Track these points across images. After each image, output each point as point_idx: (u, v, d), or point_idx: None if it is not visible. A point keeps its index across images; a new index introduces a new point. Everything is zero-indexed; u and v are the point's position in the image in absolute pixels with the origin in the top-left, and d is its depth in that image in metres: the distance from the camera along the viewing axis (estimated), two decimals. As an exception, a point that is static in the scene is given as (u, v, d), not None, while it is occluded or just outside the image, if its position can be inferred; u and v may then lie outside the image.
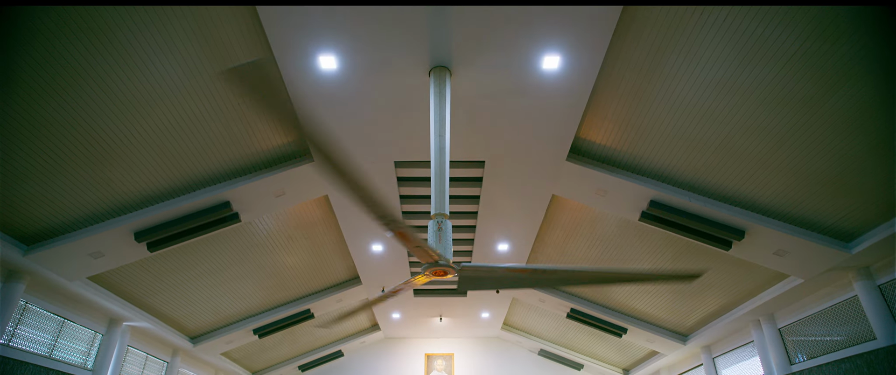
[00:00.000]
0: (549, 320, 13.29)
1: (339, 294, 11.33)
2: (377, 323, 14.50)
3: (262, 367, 14.35)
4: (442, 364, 15.30)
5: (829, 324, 7.96)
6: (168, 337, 10.33)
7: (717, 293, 9.25)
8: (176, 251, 8.26)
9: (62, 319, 8.27)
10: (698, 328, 10.57)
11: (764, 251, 7.18)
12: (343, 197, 8.13)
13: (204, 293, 9.69)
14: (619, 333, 11.37)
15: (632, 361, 13.91)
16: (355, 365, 15.31)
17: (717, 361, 11.09)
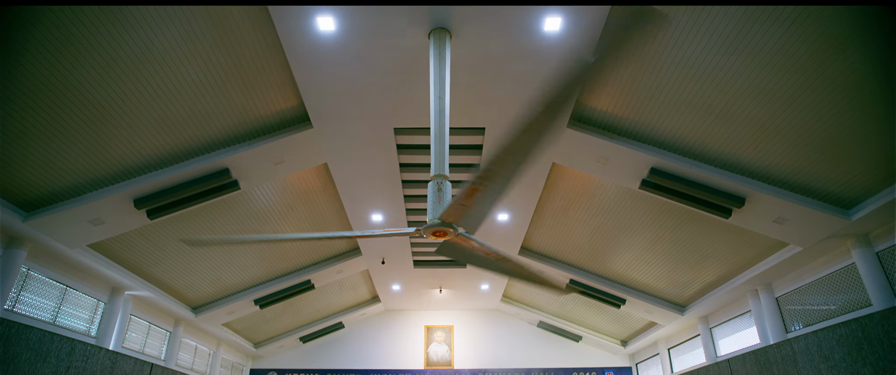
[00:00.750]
0: (547, 291, 13.38)
1: (340, 264, 11.39)
2: (377, 296, 14.62)
3: (263, 338, 14.53)
4: (442, 335, 15.48)
5: (826, 293, 8.02)
6: (170, 307, 10.42)
7: (715, 263, 9.29)
8: (176, 220, 8.27)
9: (65, 287, 8.32)
10: (696, 299, 10.66)
11: (764, 218, 7.18)
12: (344, 166, 8.12)
13: (205, 263, 9.74)
14: (618, 304, 11.47)
15: (630, 332, 14.07)
16: (356, 337, 15.50)
17: (714, 331, 11.21)
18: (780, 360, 7.69)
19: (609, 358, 15.28)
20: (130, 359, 8.64)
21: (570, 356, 15.23)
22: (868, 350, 6.13)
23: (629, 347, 14.47)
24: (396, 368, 15.10)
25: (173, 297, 10.34)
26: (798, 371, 7.30)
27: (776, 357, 7.81)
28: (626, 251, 10.02)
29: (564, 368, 15.10)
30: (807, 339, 7.14)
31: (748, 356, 8.58)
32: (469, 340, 15.43)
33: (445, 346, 15.35)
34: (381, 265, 11.70)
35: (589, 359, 15.24)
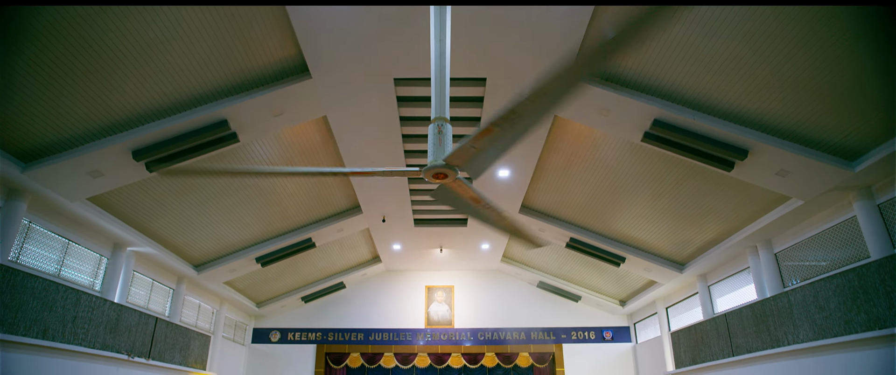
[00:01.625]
0: (549, 251, 13.48)
1: (340, 223, 11.43)
2: (378, 256, 14.73)
3: (265, 298, 14.72)
4: (442, 295, 15.67)
5: (825, 248, 8.05)
6: (172, 264, 10.51)
7: (715, 220, 9.30)
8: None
9: (67, 241, 8.37)
10: (695, 256, 10.72)
11: (766, 171, 7.14)
12: (343, 119, 8.03)
13: (205, 219, 9.76)
14: (618, 262, 11.55)
15: (628, 292, 14.23)
16: (357, 297, 15.69)
17: (712, 289, 11.32)
18: (776, 312, 7.78)
19: (608, 318, 15.50)
20: (135, 312, 8.76)
21: (569, 316, 15.45)
22: (863, 298, 6.19)
23: (628, 307, 14.66)
24: (397, 327, 15.34)
25: (175, 254, 10.41)
26: (793, 322, 7.40)
27: (772, 309, 7.90)
28: (627, 208, 10.03)
29: (563, 328, 15.34)
30: (803, 291, 7.20)
31: (745, 310, 8.68)
32: (469, 300, 15.63)
33: (446, 306, 15.56)
34: (381, 223, 11.73)
35: (588, 319, 15.47)
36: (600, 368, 15.01)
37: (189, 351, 10.48)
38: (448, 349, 15.10)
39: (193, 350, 10.66)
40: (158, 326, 9.34)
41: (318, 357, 15.11)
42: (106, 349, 7.79)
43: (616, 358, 15.14)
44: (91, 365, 7.46)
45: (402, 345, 15.13)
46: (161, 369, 9.37)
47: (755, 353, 8.13)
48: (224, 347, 13.64)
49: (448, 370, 15.07)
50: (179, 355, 10.07)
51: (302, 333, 15.34)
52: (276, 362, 15.11)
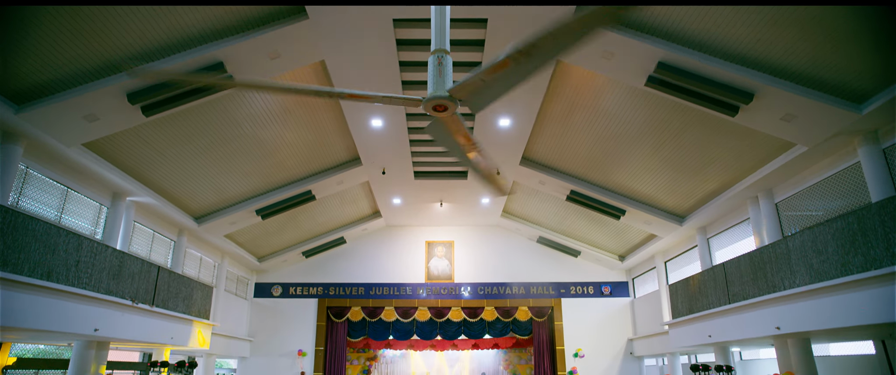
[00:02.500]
0: (549, 206, 13.49)
1: (340, 175, 11.39)
2: (378, 211, 14.76)
3: (267, 252, 14.84)
4: (442, 251, 15.79)
5: (825, 197, 8.03)
6: (173, 215, 10.52)
7: (717, 169, 9.26)
8: (173, 121, 8.15)
9: (66, 188, 8.34)
10: (696, 208, 10.73)
11: (771, 116, 7.04)
12: (341, 63, 7.88)
13: (204, 169, 9.72)
14: (618, 215, 11.57)
15: (628, 247, 14.33)
16: (358, 252, 15.82)
17: (711, 242, 11.38)
18: (774, 259, 7.82)
19: (606, 273, 15.67)
20: (137, 260, 8.81)
21: (569, 271, 15.61)
22: (862, 240, 6.19)
23: (626, 262, 14.79)
24: (398, 282, 15.53)
25: (175, 205, 10.41)
26: (790, 267, 7.44)
27: (770, 256, 7.94)
28: (628, 159, 9.97)
29: (563, 282, 15.53)
30: (802, 236, 7.21)
31: (743, 258, 8.73)
32: (469, 255, 15.76)
33: (446, 261, 15.70)
34: (381, 175, 11.67)
35: (587, 274, 15.64)
36: (598, 322, 15.27)
37: (192, 301, 10.60)
38: (448, 303, 15.32)
39: (196, 301, 10.78)
40: (161, 275, 9.41)
41: (319, 311, 15.35)
42: (110, 294, 7.86)
43: (614, 313, 15.39)
44: (96, 309, 7.54)
45: (403, 299, 15.35)
46: (165, 317, 9.49)
47: (751, 299, 8.21)
48: (227, 301, 13.84)
49: (448, 323, 15.34)
50: (183, 304, 10.19)
51: (303, 287, 15.54)
52: (279, 316, 15.36)
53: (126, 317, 8.37)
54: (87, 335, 7.53)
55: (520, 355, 16.75)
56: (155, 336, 9.26)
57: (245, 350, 14.80)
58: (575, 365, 14.93)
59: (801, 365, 8.30)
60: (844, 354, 10.27)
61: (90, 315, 7.48)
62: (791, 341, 8.53)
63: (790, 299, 7.36)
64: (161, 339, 9.46)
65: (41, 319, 6.50)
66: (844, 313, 6.36)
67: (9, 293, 6.01)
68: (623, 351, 15.11)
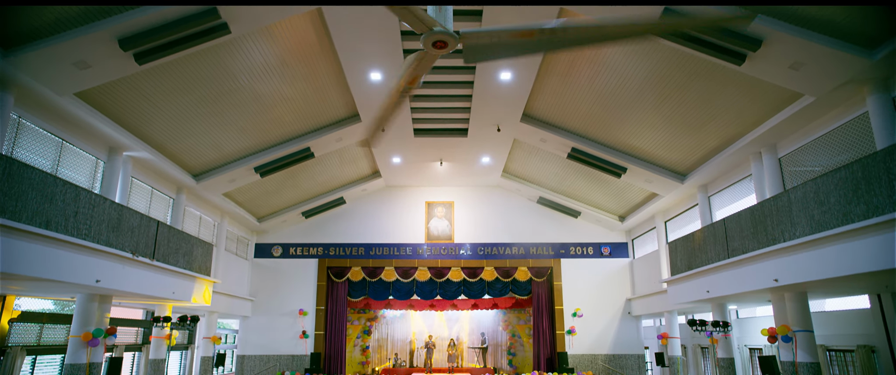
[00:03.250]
0: (549, 165, 13.41)
1: (339, 131, 11.25)
2: (378, 170, 14.69)
3: (266, 212, 14.83)
4: (442, 211, 15.79)
5: (830, 150, 7.93)
6: (170, 172, 10.44)
7: (720, 124, 9.13)
8: (167, 71, 7.98)
9: (61, 140, 8.23)
10: (697, 166, 10.65)
11: (779, 64, 6.88)
12: (340, 13, 7.66)
13: (201, 124, 9.58)
14: (619, 173, 11.50)
15: (628, 207, 14.31)
16: (358, 212, 15.82)
17: (712, 200, 11.34)
18: (775, 212, 7.78)
19: (606, 234, 15.72)
20: (137, 214, 8.77)
21: (569, 232, 15.65)
22: (865, 189, 6.13)
23: (626, 222, 14.81)
24: (398, 242, 15.58)
25: (173, 161, 10.32)
26: (791, 220, 7.41)
27: (771, 209, 7.90)
28: (630, 114, 9.82)
29: (562, 243, 15.59)
30: (804, 187, 7.15)
31: (743, 213, 8.70)
32: (469, 215, 15.77)
33: (446, 221, 15.72)
34: (381, 132, 11.51)
35: (586, 235, 15.68)
36: (597, 282, 15.40)
37: (193, 258, 10.63)
38: (448, 263, 15.41)
39: (197, 257, 10.81)
40: (160, 230, 9.40)
41: (320, 271, 15.46)
42: (110, 246, 7.85)
43: (613, 273, 15.50)
44: (97, 261, 7.54)
45: (403, 259, 15.43)
46: (166, 271, 9.53)
47: (750, 253, 8.22)
48: (227, 260, 13.90)
49: (448, 283, 15.47)
50: (183, 260, 10.22)
51: (303, 248, 15.60)
52: (279, 276, 15.47)
53: (127, 270, 8.39)
54: (89, 286, 7.55)
55: (519, 315, 16.98)
56: (157, 290, 9.31)
57: (246, 309, 14.97)
58: (573, 325, 15.13)
59: (798, 319, 8.38)
60: (840, 309, 10.37)
61: (91, 266, 7.49)
62: (788, 295, 8.59)
63: (789, 251, 7.36)
64: (163, 294, 9.52)
65: (42, 267, 6.49)
66: (844, 262, 6.36)
67: (9, 240, 5.98)
68: (621, 311, 15.29)
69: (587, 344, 15.03)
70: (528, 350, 16.28)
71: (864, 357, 9.23)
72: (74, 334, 8.74)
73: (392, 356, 16.53)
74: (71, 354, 8.66)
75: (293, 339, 15.04)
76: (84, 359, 8.71)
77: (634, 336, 15.17)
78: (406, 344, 16.85)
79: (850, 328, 9.69)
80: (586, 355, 14.97)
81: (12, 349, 9.28)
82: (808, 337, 8.31)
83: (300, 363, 14.86)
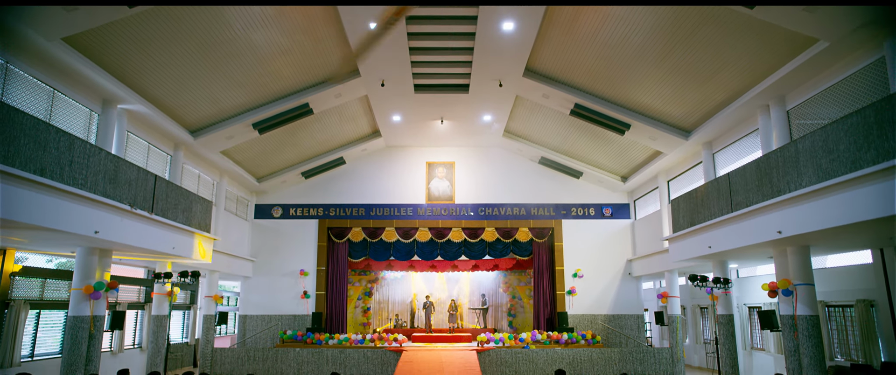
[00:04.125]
0: (552, 123, 13.23)
1: (338, 87, 11.04)
2: (378, 130, 14.51)
3: (266, 173, 14.73)
4: (443, 171, 15.69)
5: (840, 101, 7.74)
6: (167, 127, 10.28)
7: (728, 76, 8.92)
8: (159, 18, 7.73)
9: (52, 90, 8.04)
10: (703, 122, 10.48)
11: (793, 6, 6.63)
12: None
13: (196, 75, 9.37)
14: (622, 129, 11.33)
15: (630, 167, 14.19)
16: (358, 173, 15.72)
17: (716, 157, 11.21)
18: (782, 163, 7.65)
19: (608, 195, 15.65)
20: (134, 166, 8.65)
21: (570, 192, 15.58)
22: (877, 133, 5.98)
23: (629, 183, 14.71)
24: (398, 203, 15.53)
25: (169, 116, 10.15)
26: (798, 170, 7.28)
27: (777, 160, 7.77)
28: (635, 68, 9.59)
29: (564, 204, 15.53)
30: (813, 136, 7.00)
31: (748, 166, 8.57)
32: (470, 176, 15.67)
33: (447, 182, 15.63)
34: (380, 87, 11.31)
35: (588, 196, 15.62)
36: (598, 243, 15.41)
37: (192, 214, 10.57)
38: (449, 223, 15.39)
39: (196, 214, 10.75)
40: (158, 184, 9.30)
41: (320, 232, 15.45)
42: (107, 197, 7.76)
43: (614, 234, 15.49)
44: (95, 212, 7.46)
45: (404, 220, 15.41)
46: (166, 226, 9.47)
47: (754, 206, 8.13)
48: (227, 220, 13.87)
49: (448, 244, 15.48)
50: (182, 216, 10.16)
51: (304, 209, 15.56)
52: (280, 237, 15.48)
53: (126, 223, 8.32)
54: (88, 237, 7.49)
55: (519, 277, 17.07)
56: (156, 244, 9.27)
57: (248, 269, 15.02)
58: (574, 285, 15.20)
59: (799, 272, 8.35)
60: (840, 266, 10.37)
61: (89, 216, 7.41)
62: (790, 249, 8.54)
63: (794, 201, 7.26)
64: (163, 248, 9.48)
65: (40, 215, 6.41)
66: (850, 209, 6.26)
67: (5, 187, 5.87)
68: (621, 272, 15.35)
69: (587, 305, 15.14)
70: (528, 312, 16.42)
71: (863, 312, 9.27)
72: (76, 287, 8.75)
73: (393, 317, 16.69)
74: (73, 306, 8.68)
75: (295, 299, 15.15)
76: (87, 311, 8.74)
77: (634, 297, 15.27)
78: (407, 306, 17.00)
79: (850, 284, 9.70)
80: (586, 315, 15.10)
81: (15, 302, 9.32)
82: (809, 291, 8.30)
83: (302, 322, 15.00)
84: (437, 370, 11.42)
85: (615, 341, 14.75)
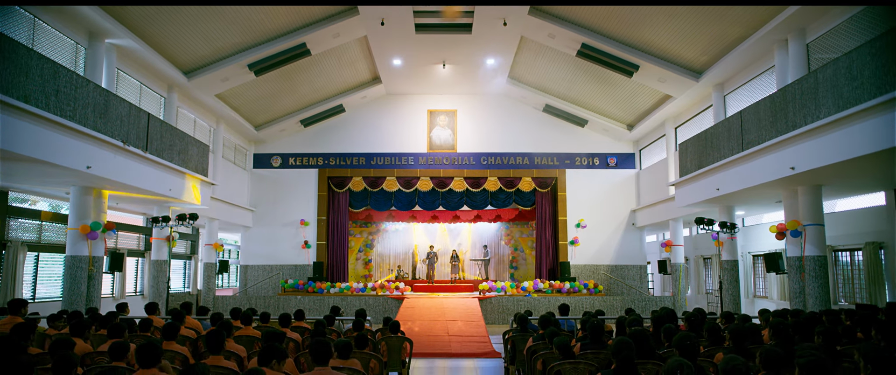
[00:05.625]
0: (557, 68, 12.80)
1: (335, 25, 10.59)
2: (378, 76, 14.10)
3: (264, 120, 14.42)
4: (445, 120, 15.35)
5: (865, 30, 7.34)
6: (159, 66, 9.92)
7: (745, 8, 8.47)
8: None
9: (33, 17, 7.66)
10: (716, 61, 10.08)
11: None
12: None
13: (188, 11, 8.94)
14: (630, 71, 10.93)
15: (637, 114, 13.84)
16: (358, 121, 15.39)
17: (727, 99, 10.85)
18: (799, 95, 7.33)
19: (613, 144, 15.36)
20: (125, 102, 8.36)
21: (575, 142, 15.29)
22: (907, 57, 5.66)
23: (634, 131, 14.39)
24: (399, 151, 15.27)
25: (160, 54, 9.78)
26: (816, 102, 6.97)
27: (794, 93, 7.45)
28: (648, 0, 9.14)
29: (568, 153, 15.26)
30: (835, 64, 6.65)
31: (762, 102, 8.25)
32: (472, 124, 15.34)
33: (449, 130, 15.32)
34: (380, 26, 10.84)
35: (593, 145, 15.33)
36: (602, 193, 15.22)
37: (188, 156, 10.33)
38: (450, 172, 15.17)
39: (193, 156, 10.51)
40: (152, 122, 9.02)
41: (320, 182, 15.26)
42: (98, 131, 7.50)
43: (618, 184, 15.29)
44: (86, 146, 7.22)
45: (405, 169, 15.18)
46: (161, 167, 9.25)
47: (767, 142, 7.86)
48: (226, 169, 13.65)
49: (450, 193, 15.30)
50: (178, 157, 9.92)
51: (303, 158, 15.33)
52: (279, 186, 15.30)
53: (119, 160, 8.10)
54: (80, 172, 7.26)
55: (522, 229, 16.98)
56: (152, 184, 9.08)
57: (248, 219, 14.91)
58: (577, 236, 15.10)
59: (809, 213, 8.14)
60: (850, 209, 10.18)
61: (80, 150, 7.18)
62: (801, 189, 8.32)
63: (811, 134, 6.98)
64: (159, 189, 9.29)
65: (28, 145, 6.16)
66: (872, 138, 5.98)
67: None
68: (625, 223, 15.22)
69: (589, 255, 15.07)
70: (530, 264, 16.40)
71: (871, 254, 9.13)
72: (72, 226, 8.60)
73: (395, 268, 16.68)
74: (70, 246, 8.56)
75: (295, 249, 15.10)
76: (85, 252, 8.63)
77: (637, 248, 15.19)
78: (408, 257, 16.97)
79: (859, 227, 9.52)
80: (588, 265, 15.05)
81: (13, 242, 9.21)
82: (818, 231, 8.12)
83: (303, 272, 15.00)
84: (438, 314, 11.43)
85: (617, 291, 14.75)
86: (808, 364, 2.55)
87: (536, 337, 4.91)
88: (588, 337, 4.31)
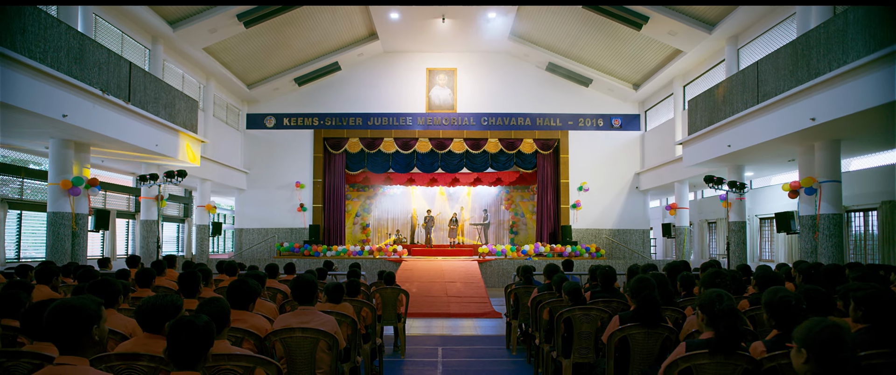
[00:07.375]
0: (561, 23, 12.20)
1: (328, -29, 9.99)
2: (375, 31, 13.49)
3: (256, 79, 13.87)
4: (444, 79, 14.80)
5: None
6: (141, 14, 9.36)
7: (767, -52, 7.90)
8: None
9: (2, -46, 7.07)
10: (730, 11, 9.52)
11: None
12: None
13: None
14: (639, 23, 10.37)
15: (643, 73, 13.31)
16: (354, 80, 14.84)
17: (741, 53, 10.32)
18: (825, 39, 6.83)
19: (618, 105, 14.85)
20: (103, 48, 7.85)
21: (578, 102, 14.77)
22: (951, -11, 5.16)
23: (641, 91, 13.87)
24: (397, 112, 14.77)
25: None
26: (844, 46, 6.49)
27: (819, 38, 6.95)
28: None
29: (571, 114, 14.77)
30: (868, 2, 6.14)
31: (782, 50, 7.75)
32: (473, 84, 14.80)
33: (448, 90, 14.78)
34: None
35: (597, 106, 14.82)
36: (606, 155, 14.80)
37: (175, 111, 9.86)
38: (450, 133, 14.71)
39: (180, 111, 10.03)
40: (135, 72, 8.52)
41: (316, 143, 14.81)
42: (74, 77, 7.02)
43: (622, 146, 14.85)
44: (61, 93, 6.75)
45: (403, 130, 14.71)
46: (147, 121, 8.80)
47: (786, 93, 7.39)
48: (217, 129, 13.17)
49: (450, 155, 14.87)
50: (164, 111, 9.45)
51: (298, 118, 14.83)
52: (274, 148, 14.85)
53: (99, 111, 7.63)
54: (56, 121, 6.81)
55: (522, 193, 16.61)
56: (137, 139, 8.63)
57: (241, 181, 14.51)
58: (578, 199, 14.74)
59: (826, 170, 7.74)
60: (866, 167, 9.79)
61: (55, 97, 6.71)
62: (818, 145, 7.90)
63: (836, 81, 6.52)
64: (145, 144, 8.85)
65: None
66: None
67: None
68: (629, 186, 14.84)
69: (592, 219, 14.75)
70: (531, 229, 16.09)
71: (887, 213, 8.78)
72: (52, 181, 8.20)
73: (393, 233, 16.38)
74: (52, 202, 8.16)
75: (291, 212, 14.75)
76: (67, 208, 8.25)
77: (640, 212, 14.86)
78: (407, 222, 16.65)
79: (874, 186, 9.15)
80: (590, 229, 14.74)
81: (-9, 199, 8.83)
82: (835, 188, 7.73)
83: (299, 235, 14.68)
84: (437, 276, 11.16)
85: (619, 255, 14.48)
86: (866, 297, 2.20)
87: (542, 287, 4.57)
88: (599, 285, 3.97)
